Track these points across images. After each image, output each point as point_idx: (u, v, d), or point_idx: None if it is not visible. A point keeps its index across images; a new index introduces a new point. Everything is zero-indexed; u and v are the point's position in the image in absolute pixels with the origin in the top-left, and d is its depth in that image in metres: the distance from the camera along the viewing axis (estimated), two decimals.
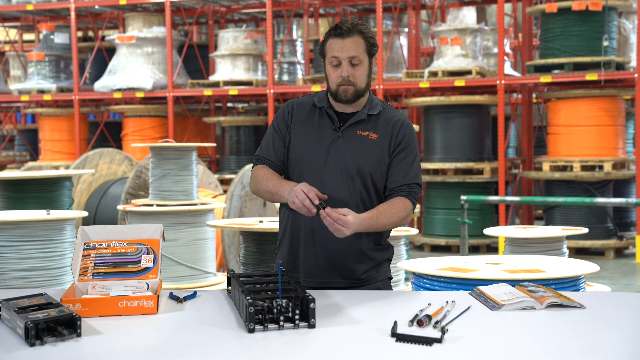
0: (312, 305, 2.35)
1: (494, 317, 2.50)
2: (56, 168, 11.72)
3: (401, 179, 2.99)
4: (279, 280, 2.49)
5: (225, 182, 12.05)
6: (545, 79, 10.19)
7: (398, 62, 12.19)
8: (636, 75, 9.91)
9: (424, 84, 10.71)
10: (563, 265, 3.62)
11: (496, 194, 10.69)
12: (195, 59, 13.16)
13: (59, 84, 12.98)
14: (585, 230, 5.67)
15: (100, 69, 13.40)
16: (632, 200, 7.69)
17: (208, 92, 11.90)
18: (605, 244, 10.09)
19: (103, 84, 12.29)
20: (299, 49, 13.67)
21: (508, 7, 13.85)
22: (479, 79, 10.51)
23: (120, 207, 6.97)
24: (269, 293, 2.54)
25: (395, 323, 2.31)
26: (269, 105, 11.53)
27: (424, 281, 3.51)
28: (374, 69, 3.08)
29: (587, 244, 10.05)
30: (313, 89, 11.29)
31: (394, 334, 2.25)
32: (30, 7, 13.00)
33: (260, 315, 2.34)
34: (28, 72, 13.28)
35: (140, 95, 12.08)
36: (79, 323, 2.26)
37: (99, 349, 2.18)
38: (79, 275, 2.74)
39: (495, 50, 12.01)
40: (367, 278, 3.02)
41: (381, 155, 2.99)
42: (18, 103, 15.06)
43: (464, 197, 7.71)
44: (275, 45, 13.36)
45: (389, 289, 3.10)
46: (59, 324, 2.24)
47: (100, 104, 14.28)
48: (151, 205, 6.77)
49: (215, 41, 13.35)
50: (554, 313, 2.53)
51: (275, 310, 2.37)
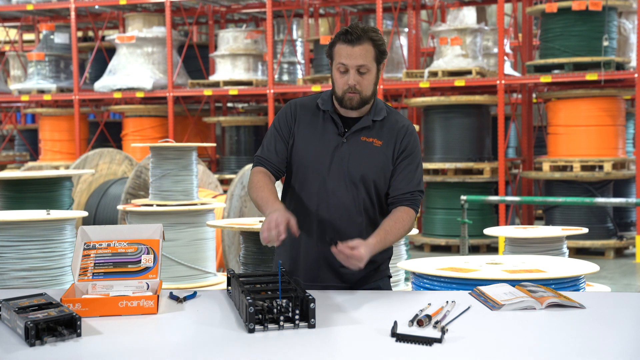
0: (312, 305, 2.35)
1: (494, 317, 2.50)
2: (56, 168, 11.71)
3: (404, 187, 2.99)
4: (279, 280, 2.49)
5: (225, 182, 12.05)
6: (545, 79, 10.18)
7: (398, 62, 12.19)
8: (636, 75, 9.90)
9: (424, 84, 10.71)
10: (563, 265, 3.62)
11: (496, 194, 10.69)
12: (195, 59, 13.16)
13: (59, 84, 12.98)
14: (585, 230, 5.67)
15: (100, 69, 13.40)
16: (632, 200, 7.69)
17: (208, 92, 11.90)
18: (605, 244, 10.09)
19: (103, 84, 12.28)
20: (299, 49, 13.67)
21: (508, 7, 13.85)
22: (479, 79, 10.51)
23: (120, 207, 6.97)
24: (269, 293, 2.54)
25: (395, 323, 2.31)
26: (269, 105, 11.53)
27: (424, 281, 3.51)
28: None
29: (587, 244, 10.05)
30: (313, 89, 11.29)
31: (394, 334, 2.25)
32: (30, 7, 13.00)
33: (260, 315, 2.34)
34: (28, 72, 13.27)
35: (140, 95, 12.08)
36: (79, 323, 2.26)
37: (99, 349, 2.18)
38: (79, 275, 2.74)
39: (495, 50, 12.01)
40: (367, 277, 3.03)
41: (385, 163, 2.98)
42: (18, 103, 15.06)
43: (464, 197, 7.71)
44: (275, 45, 13.36)
45: (388, 287, 3.10)
46: (59, 324, 2.24)
47: (100, 104, 14.28)
48: (151, 205, 6.77)
49: (215, 41, 13.35)
50: (554, 313, 2.53)
51: (275, 310, 2.37)
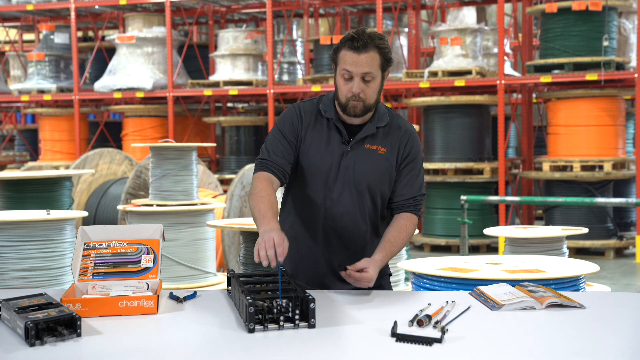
0: (312, 305, 2.35)
1: (494, 317, 2.50)
2: (56, 168, 11.71)
3: (407, 192, 3.01)
4: (279, 280, 2.49)
5: (225, 182, 12.05)
6: (545, 79, 10.18)
7: (398, 62, 12.19)
8: (636, 75, 9.90)
9: (424, 84, 10.71)
10: (563, 265, 3.62)
11: (496, 194, 10.69)
12: (195, 59, 13.16)
13: (59, 84, 12.97)
14: (585, 230, 5.67)
15: (100, 69, 13.40)
16: (632, 200, 7.69)
17: (208, 92, 11.89)
18: (605, 244, 10.08)
19: (103, 84, 12.28)
20: (299, 49, 13.67)
21: (508, 7, 13.84)
22: (479, 79, 10.50)
23: (120, 207, 6.97)
24: (269, 293, 2.54)
25: (395, 323, 2.31)
26: (269, 105, 11.53)
27: (424, 281, 3.51)
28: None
29: (587, 244, 10.04)
30: (313, 89, 11.29)
31: (394, 334, 2.25)
32: (30, 7, 13.00)
33: (260, 315, 2.34)
34: (28, 72, 13.27)
35: (140, 95, 12.07)
36: (79, 323, 2.26)
37: (99, 349, 2.18)
38: (79, 275, 2.74)
39: (495, 50, 12.01)
40: None
41: (390, 170, 2.99)
42: (18, 103, 15.06)
43: (464, 197, 7.71)
44: (275, 45, 13.35)
45: (389, 285, 3.11)
46: (59, 324, 2.24)
47: (100, 104, 14.28)
48: (151, 205, 6.77)
49: (215, 41, 13.34)
50: (554, 313, 2.53)
51: (275, 310, 2.37)
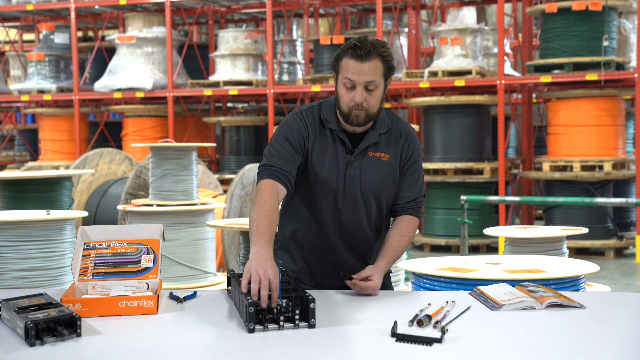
0: (312, 305, 2.35)
1: (494, 317, 2.50)
2: (56, 168, 11.71)
3: (408, 195, 3.03)
4: (279, 280, 2.49)
5: (225, 182, 12.05)
6: (545, 79, 10.18)
7: (398, 62, 12.18)
8: (636, 75, 9.90)
9: (424, 84, 10.71)
10: (563, 265, 3.62)
11: (496, 194, 10.69)
12: (195, 59, 13.16)
13: (59, 84, 12.98)
14: (585, 230, 5.66)
15: (100, 69, 13.40)
16: (632, 200, 7.68)
17: (208, 92, 11.89)
18: (605, 244, 10.08)
19: (103, 84, 12.28)
20: (299, 49, 13.67)
21: (508, 7, 13.84)
22: (479, 79, 10.50)
23: (120, 207, 6.97)
24: (269, 293, 2.54)
25: (395, 323, 2.31)
26: (269, 105, 11.53)
27: (424, 281, 3.50)
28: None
29: (587, 244, 10.04)
30: (313, 89, 11.29)
31: (394, 334, 2.25)
32: (30, 7, 13.00)
33: (260, 315, 2.34)
34: (28, 72, 13.27)
35: (140, 95, 12.07)
36: (79, 323, 2.26)
37: (99, 349, 2.18)
38: (79, 275, 2.74)
39: (495, 50, 12.01)
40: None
41: (394, 176, 3.00)
42: (18, 103, 15.06)
43: (464, 197, 7.71)
44: (275, 45, 13.35)
45: (388, 283, 3.12)
46: (59, 324, 2.24)
47: (100, 104, 14.28)
48: (151, 205, 6.76)
49: (215, 41, 13.34)
50: (554, 313, 2.53)
51: (275, 310, 2.37)
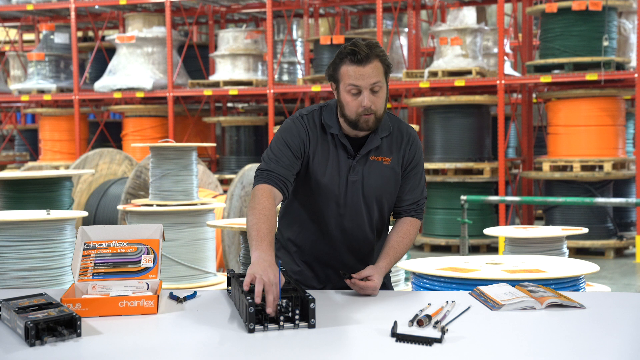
0: (312, 305, 2.35)
1: (494, 317, 2.50)
2: (56, 168, 11.71)
3: (411, 197, 3.02)
4: (279, 280, 2.48)
5: (225, 182, 12.05)
6: (545, 79, 10.18)
7: (398, 62, 12.19)
8: (636, 75, 9.90)
9: (424, 84, 10.71)
10: (563, 265, 3.62)
11: (496, 194, 10.69)
12: (195, 59, 13.16)
13: (59, 84, 12.98)
14: (585, 230, 5.66)
15: (100, 69, 13.40)
16: (632, 200, 7.68)
17: (208, 92, 11.89)
18: (605, 244, 10.08)
19: (103, 84, 12.28)
20: (299, 49, 13.67)
21: (508, 7, 13.84)
22: (479, 79, 10.50)
23: (120, 207, 6.96)
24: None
25: (395, 323, 2.31)
26: (269, 105, 11.53)
27: (424, 281, 3.50)
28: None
29: (587, 244, 10.04)
30: (313, 89, 11.29)
31: (394, 334, 2.25)
32: (30, 7, 13.00)
33: (260, 315, 2.33)
34: (28, 72, 13.27)
35: (140, 95, 12.07)
36: (79, 323, 2.26)
37: (99, 349, 2.18)
38: (79, 275, 2.74)
39: (495, 50, 12.01)
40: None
41: (396, 179, 2.99)
42: (18, 103, 15.06)
43: (464, 197, 7.71)
44: (275, 45, 13.35)
45: (388, 283, 3.12)
46: (59, 324, 2.24)
47: (100, 104, 14.28)
48: (151, 205, 6.76)
49: (215, 41, 13.34)
50: (554, 313, 2.53)
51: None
